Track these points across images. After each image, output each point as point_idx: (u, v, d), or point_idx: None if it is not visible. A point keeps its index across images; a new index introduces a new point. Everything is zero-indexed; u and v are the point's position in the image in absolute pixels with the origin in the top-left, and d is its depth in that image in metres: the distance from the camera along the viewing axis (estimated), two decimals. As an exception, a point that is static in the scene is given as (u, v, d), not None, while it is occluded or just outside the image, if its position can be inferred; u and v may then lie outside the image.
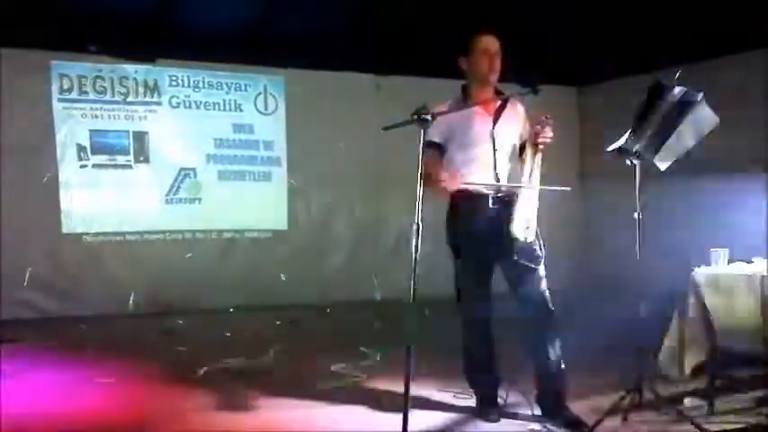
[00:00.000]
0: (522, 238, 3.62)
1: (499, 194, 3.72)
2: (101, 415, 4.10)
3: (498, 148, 3.73)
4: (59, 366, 5.17)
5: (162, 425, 3.94)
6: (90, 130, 7.54)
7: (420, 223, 2.98)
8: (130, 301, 7.38)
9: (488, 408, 3.89)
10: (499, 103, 3.79)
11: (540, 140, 3.61)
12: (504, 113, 3.79)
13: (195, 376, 4.88)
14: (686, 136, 3.68)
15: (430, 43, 6.57)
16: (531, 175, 3.67)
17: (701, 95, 3.63)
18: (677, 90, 3.63)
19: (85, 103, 7.51)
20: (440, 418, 3.90)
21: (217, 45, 7.41)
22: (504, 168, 3.74)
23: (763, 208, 6.67)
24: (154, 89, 7.79)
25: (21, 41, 6.87)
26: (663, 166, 3.75)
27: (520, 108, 3.90)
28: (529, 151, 3.68)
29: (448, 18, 6.47)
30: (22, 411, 4.06)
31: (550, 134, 3.61)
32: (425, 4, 7.00)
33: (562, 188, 3.70)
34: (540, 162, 3.68)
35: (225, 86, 8.12)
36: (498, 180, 3.71)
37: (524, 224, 3.63)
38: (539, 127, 3.61)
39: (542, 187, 3.69)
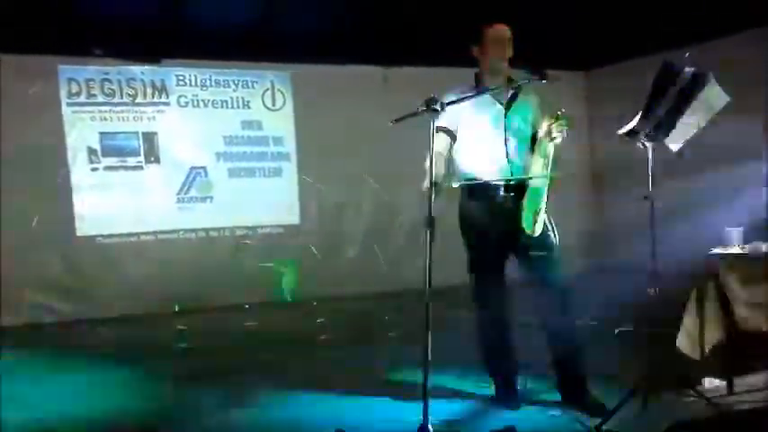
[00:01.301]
0: (530, 232, 3.62)
1: (511, 183, 3.71)
2: (119, 417, 4.13)
3: (510, 137, 3.72)
4: (76, 369, 5.21)
5: (180, 424, 3.98)
6: (100, 133, 7.57)
7: (433, 214, 2.99)
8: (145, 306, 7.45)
9: (508, 395, 3.90)
10: (512, 91, 3.78)
11: (554, 135, 3.59)
12: (517, 101, 3.77)
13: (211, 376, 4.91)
14: (697, 116, 3.66)
15: (437, 33, 6.57)
16: (541, 167, 3.66)
17: (711, 75, 3.61)
18: (687, 70, 3.60)
19: (94, 106, 7.54)
20: (460, 406, 3.91)
21: (222, 42, 7.42)
22: (516, 157, 3.73)
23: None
24: (161, 89, 7.81)
25: (28, 47, 6.89)
26: (674, 147, 3.73)
27: (534, 96, 3.86)
28: (542, 144, 3.66)
29: (455, 7, 6.45)
30: (40, 415, 4.09)
31: (564, 133, 3.59)
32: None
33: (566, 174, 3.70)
34: (552, 155, 3.66)
35: (232, 84, 8.13)
36: (511, 168, 3.70)
37: (532, 218, 3.62)
38: (552, 121, 3.60)
39: (547, 174, 3.67)
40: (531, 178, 3.65)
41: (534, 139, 3.75)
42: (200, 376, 4.86)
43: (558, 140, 3.60)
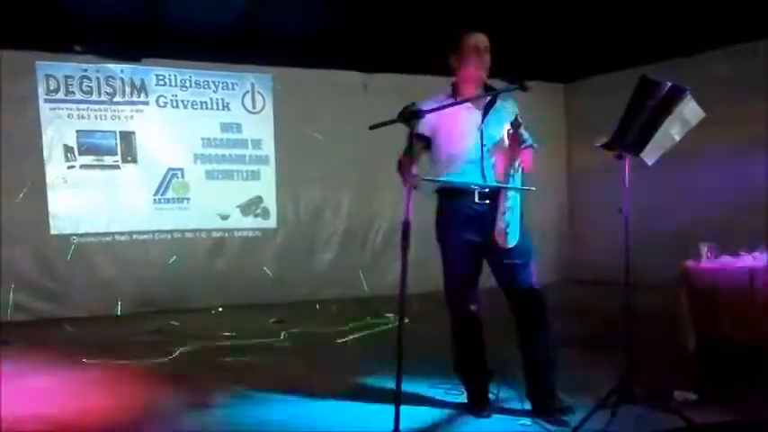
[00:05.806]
0: (501, 245, 3.63)
1: (486, 190, 3.71)
2: (91, 416, 4.08)
3: (486, 144, 3.73)
4: (49, 368, 5.15)
5: (153, 424, 3.94)
6: (77, 131, 7.51)
7: (409, 220, 2.99)
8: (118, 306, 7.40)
9: (480, 403, 3.90)
10: (488, 99, 3.79)
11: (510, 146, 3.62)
12: (494, 109, 3.79)
13: (185, 374, 4.88)
14: (673, 130, 3.70)
15: (417, 41, 6.58)
16: (509, 177, 3.66)
17: (687, 89, 3.65)
18: (664, 85, 3.64)
19: (72, 104, 7.48)
20: (431, 413, 3.91)
21: (203, 43, 7.39)
22: (491, 164, 3.74)
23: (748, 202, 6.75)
24: (141, 89, 7.77)
25: (5, 42, 6.83)
26: (650, 160, 3.76)
27: (512, 105, 3.88)
28: (506, 155, 3.68)
29: (435, 16, 6.47)
30: (14, 414, 4.04)
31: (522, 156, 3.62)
32: (413, 2, 7.00)
33: (530, 188, 3.70)
34: (518, 167, 3.67)
35: (212, 85, 8.10)
36: (484, 176, 3.71)
37: (503, 233, 3.63)
38: (511, 131, 3.61)
39: (512, 187, 3.67)
40: (506, 186, 3.66)
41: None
42: (173, 377, 4.82)
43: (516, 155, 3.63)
